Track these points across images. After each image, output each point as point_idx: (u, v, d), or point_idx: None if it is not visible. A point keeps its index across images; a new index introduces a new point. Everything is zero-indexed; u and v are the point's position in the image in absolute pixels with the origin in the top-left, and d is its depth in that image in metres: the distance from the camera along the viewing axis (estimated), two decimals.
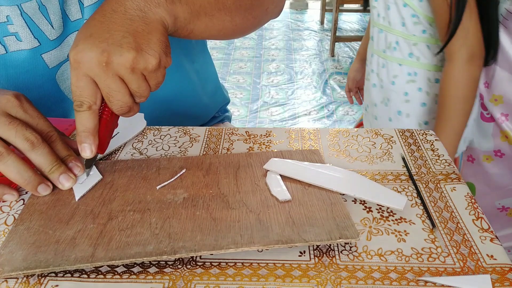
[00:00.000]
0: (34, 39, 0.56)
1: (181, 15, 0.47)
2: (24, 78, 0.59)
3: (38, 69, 0.59)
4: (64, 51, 0.60)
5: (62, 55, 0.60)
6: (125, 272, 0.38)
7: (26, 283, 0.37)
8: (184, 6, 0.47)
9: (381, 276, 0.38)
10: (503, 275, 0.38)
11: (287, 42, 3.48)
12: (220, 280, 0.38)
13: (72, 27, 0.59)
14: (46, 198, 0.46)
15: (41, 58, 0.58)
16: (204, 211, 0.43)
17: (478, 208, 0.46)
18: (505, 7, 0.78)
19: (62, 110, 0.64)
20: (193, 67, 0.74)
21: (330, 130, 0.59)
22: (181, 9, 0.47)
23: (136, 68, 0.42)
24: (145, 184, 0.48)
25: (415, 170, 0.52)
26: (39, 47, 0.57)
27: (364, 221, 0.44)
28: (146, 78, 0.44)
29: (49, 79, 0.61)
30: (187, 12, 0.48)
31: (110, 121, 0.46)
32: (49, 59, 0.59)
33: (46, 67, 0.59)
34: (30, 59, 0.57)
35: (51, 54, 0.59)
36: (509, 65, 0.82)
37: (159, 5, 0.45)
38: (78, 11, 0.58)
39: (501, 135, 0.87)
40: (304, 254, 0.40)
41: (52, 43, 0.58)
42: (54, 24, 0.57)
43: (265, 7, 0.61)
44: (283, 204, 0.44)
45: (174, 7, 0.46)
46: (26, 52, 0.56)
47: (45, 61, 0.58)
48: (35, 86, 0.60)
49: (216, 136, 0.58)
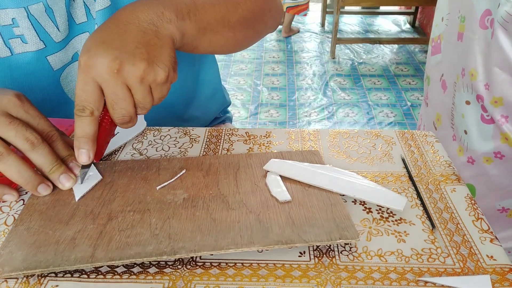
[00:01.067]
0: (39, 41, 0.56)
1: (189, 31, 0.48)
2: (29, 80, 0.59)
3: (42, 71, 0.59)
4: (68, 53, 0.60)
5: (66, 57, 0.60)
6: (125, 272, 0.38)
7: (26, 283, 0.37)
8: (193, 23, 0.49)
9: (381, 276, 0.38)
10: (503, 276, 0.38)
11: (288, 44, 3.49)
12: (220, 280, 0.38)
13: (77, 29, 0.59)
14: (46, 198, 0.46)
15: (46, 60, 0.58)
16: (204, 212, 0.44)
17: (478, 209, 0.46)
18: (506, 10, 0.78)
19: (65, 112, 0.64)
20: (193, 69, 0.74)
21: (330, 131, 0.59)
22: (190, 26, 0.48)
23: (145, 79, 0.42)
24: (145, 185, 0.48)
25: (415, 171, 0.52)
26: (44, 49, 0.57)
27: (364, 222, 0.44)
28: (151, 90, 0.44)
29: (53, 81, 0.61)
30: (194, 29, 0.49)
31: (108, 130, 0.46)
32: (54, 61, 0.59)
33: (51, 69, 0.59)
34: (35, 61, 0.57)
35: (56, 56, 0.59)
36: (509, 67, 0.82)
37: (170, 21, 0.46)
38: (83, 15, 0.58)
39: (501, 137, 0.87)
40: (304, 254, 0.40)
41: (58, 45, 0.58)
42: (60, 27, 0.57)
43: (265, 22, 0.62)
44: (283, 205, 0.44)
45: (183, 24, 0.47)
46: (31, 54, 0.57)
47: (50, 63, 0.59)
48: (39, 88, 0.60)
49: (216, 137, 0.58)
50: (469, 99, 0.92)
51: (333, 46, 3.12)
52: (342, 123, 2.39)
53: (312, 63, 3.12)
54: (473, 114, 0.92)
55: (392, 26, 3.82)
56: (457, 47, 0.96)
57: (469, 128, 0.93)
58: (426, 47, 3.27)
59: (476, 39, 0.88)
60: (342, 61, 3.13)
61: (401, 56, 3.22)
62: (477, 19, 0.87)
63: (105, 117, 0.45)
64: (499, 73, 0.84)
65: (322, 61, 3.15)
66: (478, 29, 0.87)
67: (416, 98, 2.61)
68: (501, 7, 0.80)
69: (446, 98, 1.03)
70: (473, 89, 0.90)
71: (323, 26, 3.80)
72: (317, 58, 3.20)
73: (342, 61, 3.14)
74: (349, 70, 3.00)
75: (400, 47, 3.37)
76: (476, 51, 0.88)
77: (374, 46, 3.36)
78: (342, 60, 3.14)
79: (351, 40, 3.36)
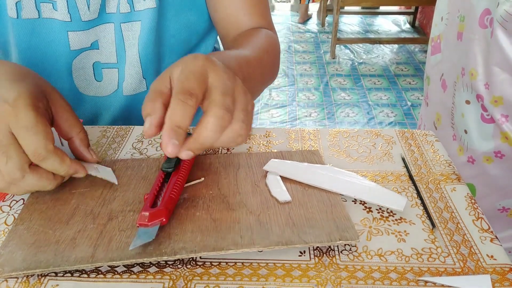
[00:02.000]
0: (67, 14, 0.58)
1: None
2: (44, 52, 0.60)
3: (59, 46, 0.60)
4: (89, 38, 0.61)
5: (86, 41, 0.61)
6: (125, 271, 0.38)
7: (26, 282, 0.37)
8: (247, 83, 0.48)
9: (381, 276, 0.38)
10: (503, 275, 0.38)
11: (288, 44, 3.49)
12: (220, 280, 0.38)
13: (105, 18, 0.61)
14: (46, 197, 0.46)
15: (66, 36, 0.59)
16: (204, 212, 0.44)
17: (478, 208, 0.46)
18: (505, 9, 0.78)
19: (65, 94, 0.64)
20: None
21: (330, 131, 0.59)
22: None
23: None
24: (145, 184, 0.48)
25: (415, 170, 0.52)
26: (68, 23, 0.58)
27: (364, 221, 0.44)
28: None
29: (66, 63, 0.62)
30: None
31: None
32: (73, 39, 0.60)
33: (68, 47, 0.60)
34: (56, 31, 0.59)
35: (76, 35, 0.60)
36: (509, 66, 0.82)
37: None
38: (114, 6, 0.61)
39: (502, 136, 0.87)
40: (304, 254, 0.40)
41: (82, 24, 0.59)
42: (90, 6, 0.59)
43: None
44: (283, 206, 0.44)
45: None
46: (56, 22, 0.58)
47: (69, 40, 0.60)
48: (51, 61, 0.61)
49: None
50: (469, 98, 0.92)
51: (333, 46, 3.12)
52: (342, 123, 2.39)
53: (312, 63, 3.12)
54: (473, 113, 0.92)
55: (392, 26, 3.82)
56: (457, 46, 0.96)
57: (469, 127, 0.93)
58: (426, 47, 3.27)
59: (476, 39, 0.88)
60: (342, 61, 3.13)
61: (401, 56, 3.22)
62: (476, 19, 0.87)
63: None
64: (499, 72, 0.84)
65: (322, 61, 3.15)
66: (478, 28, 0.87)
67: (416, 98, 2.61)
68: (500, 6, 0.80)
69: (446, 98, 1.03)
70: (473, 88, 0.90)
71: (323, 26, 3.79)
72: (317, 58, 3.20)
73: (342, 61, 3.14)
74: (349, 70, 3.00)
75: (400, 47, 3.37)
76: (476, 50, 0.88)
77: (374, 46, 3.36)
78: (342, 60, 3.14)
79: (351, 40, 3.36)
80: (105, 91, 0.67)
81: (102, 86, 0.67)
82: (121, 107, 0.70)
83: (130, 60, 0.65)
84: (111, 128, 0.60)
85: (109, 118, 0.71)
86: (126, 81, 0.67)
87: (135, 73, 0.66)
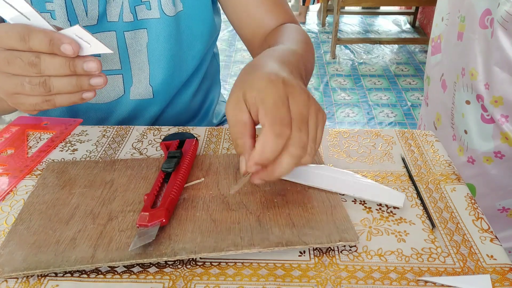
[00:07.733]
0: (67, 21, 0.58)
1: None
2: None
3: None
4: None
5: None
6: (125, 272, 0.38)
7: (26, 283, 0.37)
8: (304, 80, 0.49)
9: (381, 276, 0.38)
10: (503, 275, 0.38)
11: None
12: (220, 280, 0.38)
13: (106, 26, 0.61)
14: (46, 197, 0.46)
15: None
16: (204, 212, 0.44)
17: (478, 208, 0.46)
18: (505, 9, 0.78)
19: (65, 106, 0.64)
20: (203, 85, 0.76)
21: (330, 131, 0.59)
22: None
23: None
24: (145, 184, 0.48)
25: (415, 170, 0.52)
26: None
27: (364, 221, 0.44)
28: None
29: None
30: None
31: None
32: None
33: None
34: None
35: None
36: (509, 66, 0.82)
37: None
38: (116, 15, 0.61)
39: (501, 137, 0.87)
40: (304, 254, 0.40)
41: None
42: (88, 13, 0.59)
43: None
44: (283, 206, 0.44)
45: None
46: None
47: None
48: None
49: (216, 136, 0.58)
50: (469, 98, 0.92)
51: (333, 46, 3.12)
52: (342, 123, 2.39)
53: None
54: (473, 113, 0.92)
55: (392, 26, 3.82)
56: (457, 47, 0.96)
57: (469, 127, 0.93)
58: (426, 47, 3.27)
59: (476, 39, 0.88)
60: (342, 61, 3.13)
61: (401, 56, 3.22)
62: (477, 19, 0.87)
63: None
64: (499, 72, 0.84)
65: (322, 61, 3.15)
66: (478, 28, 0.87)
67: (417, 98, 2.61)
68: (501, 7, 0.80)
69: (446, 98, 1.03)
70: (473, 88, 0.90)
71: (323, 26, 3.80)
72: (317, 58, 3.20)
73: (342, 61, 3.14)
74: (349, 70, 3.00)
75: (400, 47, 3.37)
76: (476, 50, 0.88)
77: (374, 46, 3.36)
78: (342, 60, 3.14)
79: (351, 40, 3.36)
80: (108, 97, 0.67)
81: (104, 93, 0.67)
82: (128, 112, 0.69)
83: (139, 66, 0.66)
84: (111, 128, 0.60)
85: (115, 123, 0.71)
86: (134, 85, 0.67)
87: (144, 79, 0.67)
